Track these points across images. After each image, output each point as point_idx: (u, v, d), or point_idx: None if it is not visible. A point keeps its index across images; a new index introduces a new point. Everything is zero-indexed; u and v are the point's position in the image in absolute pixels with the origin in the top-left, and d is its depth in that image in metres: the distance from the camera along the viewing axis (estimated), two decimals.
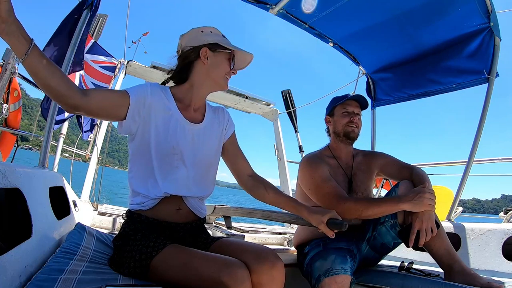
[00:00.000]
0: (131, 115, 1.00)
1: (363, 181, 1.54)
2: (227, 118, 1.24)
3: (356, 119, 1.54)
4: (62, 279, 0.77)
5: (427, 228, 1.21)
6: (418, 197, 1.22)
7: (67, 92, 0.84)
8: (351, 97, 1.56)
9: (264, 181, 1.19)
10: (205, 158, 1.12)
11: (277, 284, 0.90)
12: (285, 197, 1.16)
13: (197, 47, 1.08)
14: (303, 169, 1.51)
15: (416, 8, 1.79)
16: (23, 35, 0.75)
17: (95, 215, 2.01)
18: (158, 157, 1.03)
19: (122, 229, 1.05)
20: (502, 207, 3.36)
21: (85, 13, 1.57)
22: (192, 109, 1.13)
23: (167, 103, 1.07)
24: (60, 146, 2.49)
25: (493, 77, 1.86)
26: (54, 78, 0.81)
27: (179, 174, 1.05)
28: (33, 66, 0.78)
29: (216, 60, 1.09)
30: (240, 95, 3.14)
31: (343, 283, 1.17)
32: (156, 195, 1.02)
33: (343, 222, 1.03)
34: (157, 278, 0.87)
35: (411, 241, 1.22)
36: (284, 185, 3.32)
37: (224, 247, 1.01)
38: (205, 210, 1.18)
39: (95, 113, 0.95)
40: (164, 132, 1.04)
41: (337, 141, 1.58)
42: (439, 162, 2.71)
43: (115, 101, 0.97)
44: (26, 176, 0.95)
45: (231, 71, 1.12)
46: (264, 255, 0.91)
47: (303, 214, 1.10)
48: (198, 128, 1.11)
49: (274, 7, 1.93)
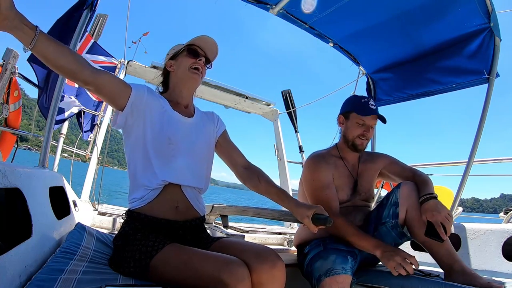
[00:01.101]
0: (130, 108, 1.06)
1: (367, 182, 1.55)
2: (217, 118, 1.33)
3: (369, 134, 1.49)
4: (62, 279, 0.77)
5: (446, 215, 1.21)
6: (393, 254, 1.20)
7: (78, 68, 0.90)
8: (373, 113, 1.45)
9: (258, 171, 1.22)
10: (199, 149, 1.18)
11: (278, 283, 0.90)
12: (276, 188, 1.17)
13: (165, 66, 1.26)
14: (307, 167, 1.51)
15: (416, 8, 1.79)
16: (27, 25, 0.77)
17: (95, 215, 2.01)
18: (154, 148, 1.07)
19: (122, 229, 1.06)
20: (501, 206, 3.37)
21: (85, 13, 1.57)
22: (182, 106, 1.22)
23: (161, 102, 1.16)
24: (60, 146, 2.49)
25: (493, 77, 1.86)
26: (63, 57, 0.86)
27: (177, 163, 1.09)
28: (42, 51, 0.82)
29: (177, 62, 1.21)
30: (240, 95, 3.14)
31: (344, 283, 1.17)
32: (156, 184, 1.04)
33: (328, 218, 1.01)
34: (157, 278, 0.87)
35: (443, 234, 1.20)
36: (284, 185, 3.32)
37: (225, 247, 1.01)
38: (204, 207, 1.19)
39: (102, 90, 1.00)
40: (160, 124, 1.10)
41: (345, 146, 1.56)
42: (439, 162, 2.71)
43: (119, 86, 1.04)
44: (26, 176, 0.95)
45: (196, 62, 1.18)
46: (265, 254, 0.91)
47: (290, 208, 1.10)
48: (190, 122, 1.20)
49: (274, 7, 1.93)
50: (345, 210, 1.47)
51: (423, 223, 1.28)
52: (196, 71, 1.19)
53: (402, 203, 1.34)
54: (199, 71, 1.19)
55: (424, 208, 1.26)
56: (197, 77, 1.19)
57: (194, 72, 1.18)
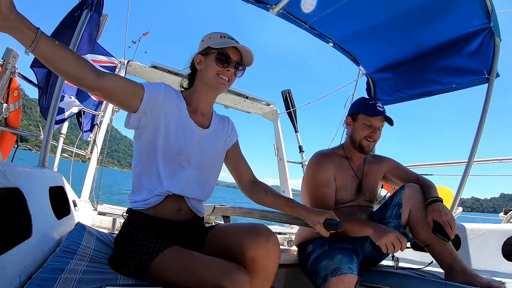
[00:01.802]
0: (143, 109, 1.01)
1: (372, 183, 1.57)
2: (231, 127, 1.27)
3: (376, 135, 1.50)
4: (62, 278, 0.77)
5: (451, 217, 1.24)
6: (385, 231, 1.21)
7: (81, 74, 0.85)
8: (381, 114, 1.46)
9: (264, 185, 1.22)
10: (209, 162, 1.15)
11: (272, 257, 0.89)
12: (284, 199, 1.18)
13: (193, 59, 1.14)
14: (310, 164, 1.53)
15: (416, 8, 1.79)
16: (28, 26, 0.75)
17: (95, 215, 2.01)
18: (165, 155, 1.05)
19: (123, 228, 1.05)
20: (501, 206, 3.37)
21: (85, 12, 1.57)
22: (200, 114, 1.15)
23: (179, 104, 1.10)
24: (60, 146, 2.48)
25: (493, 78, 1.86)
26: (65, 61, 0.82)
27: (184, 175, 1.07)
28: (43, 54, 0.79)
29: (206, 63, 1.10)
30: (240, 95, 3.14)
31: (350, 282, 1.18)
32: (160, 191, 1.03)
33: (339, 223, 1.03)
34: (156, 279, 0.87)
35: (451, 233, 1.22)
36: (284, 185, 3.31)
37: (220, 230, 1.03)
38: (204, 210, 1.20)
39: (109, 96, 0.95)
40: (174, 132, 1.05)
41: (352, 147, 1.57)
42: (439, 162, 2.71)
43: (129, 89, 0.98)
44: (26, 176, 0.95)
45: (225, 69, 1.08)
46: (258, 230, 0.91)
47: (301, 215, 1.11)
48: (204, 133, 1.14)
49: (274, 7, 1.93)
50: (349, 209, 1.48)
51: (426, 223, 1.29)
52: (223, 81, 1.08)
53: (406, 204, 1.36)
54: (227, 81, 1.09)
55: (432, 208, 1.28)
56: (223, 87, 1.09)
57: (221, 82, 1.08)
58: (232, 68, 1.09)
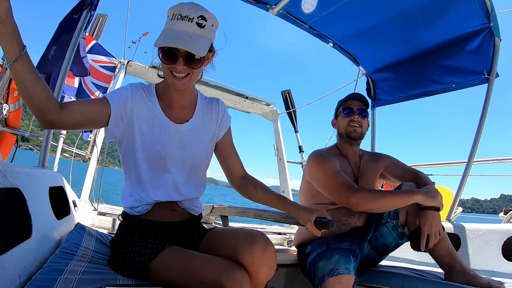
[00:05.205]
0: (114, 122, 0.97)
1: (368, 181, 1.55)
2: (222, 111, 1.14)
3: (356, 117, 1.52)
4: (62, 279, 0.78)
5: (436, 232, 1.24)
6: (432, 191, 1.28)
7: (47, 104, 0.81)
8: (351, 96, 1.59)
9: (254, 180, 1.15)
10: (194, 160, 1.07)
11: (267, 267, 0.87)
12: (274, 195, 1.11)
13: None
14: (312, 162, 1.48)
15: (416, 8, 1.79)
16: (17, 39, 0.73)
17: (95, 215, 2.01)
18: (145, 162, 1.01)
19: (118, 231, 1.05)
20: (501, 206, 3.37)
21: (85, 12, 1.57)
22: (178, 107, 1.05)
23: (150, 105, 1.02)
24: (60, 146, 2.48)
25: (493, 78, 1.86)
26: (37, 88, 0.79)
27: (168, 179, 1.03)
28: (19, 73, 0.76)
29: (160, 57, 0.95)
30: (240, 95, 3.13)
31: (347, 283, 1.17)
32: (147, 201, 1.02)
33: (330, 221, 1.00)
34: (156, 280, 0.87)
35: (423, 245, 1.25)
36: (284, 185, 3.31)
37: (217, 234, 1.02)
38: (200, 207, 1.16)
39: (73, 126, 0.92)
40: (149, 136, 1.00)
41: (343, 142, 1.58)
42: (439, 162, 2.71)
43: (94, 113, 0.93)
44: (26, 176, 0.94)
45: (173, 65, 0.91)
46: (255, 237, 0.89)
47: (292, 212, 1.07)
48: (184, 129, 1.05)
49: (274, 7, 1.92)
50: (346, 209, 1.46)
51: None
52: (174, 78, 0.94)
53: None
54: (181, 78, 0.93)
55: (422, 214, 1.28)
56: (179, 84, 0.94)
57: (174, 77, 0.93)
58: (181, 64, 0.90)
